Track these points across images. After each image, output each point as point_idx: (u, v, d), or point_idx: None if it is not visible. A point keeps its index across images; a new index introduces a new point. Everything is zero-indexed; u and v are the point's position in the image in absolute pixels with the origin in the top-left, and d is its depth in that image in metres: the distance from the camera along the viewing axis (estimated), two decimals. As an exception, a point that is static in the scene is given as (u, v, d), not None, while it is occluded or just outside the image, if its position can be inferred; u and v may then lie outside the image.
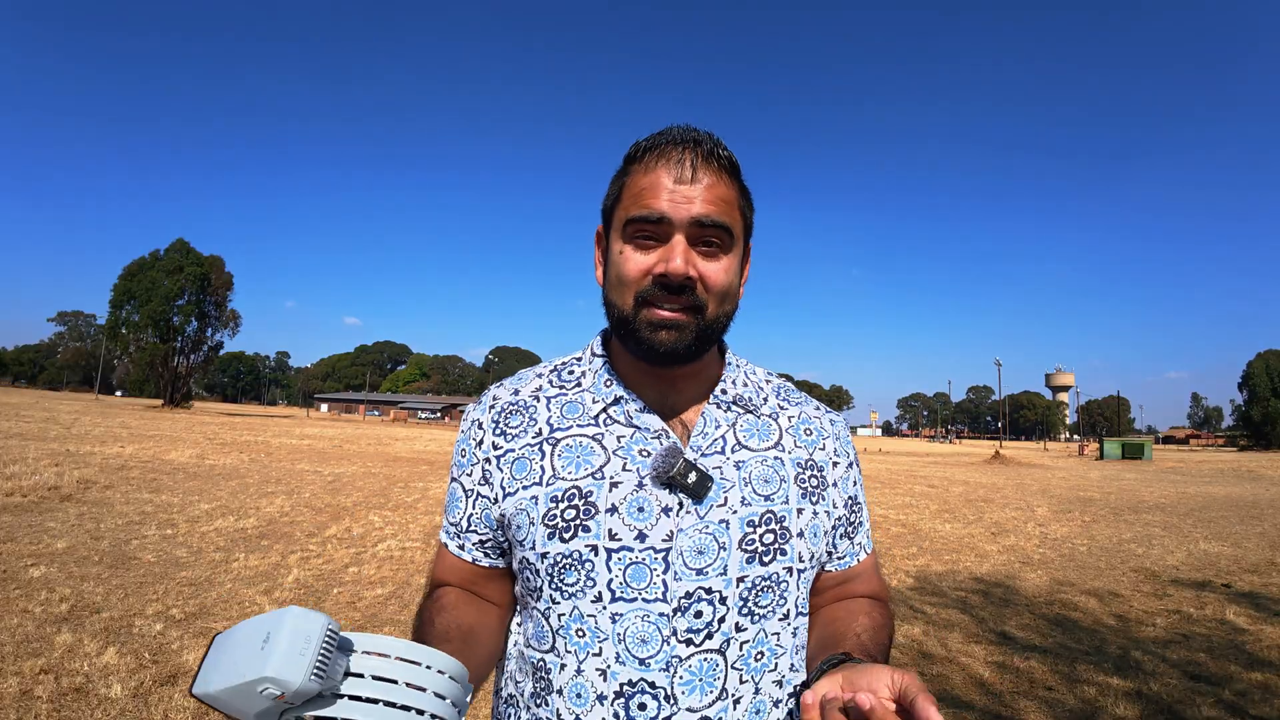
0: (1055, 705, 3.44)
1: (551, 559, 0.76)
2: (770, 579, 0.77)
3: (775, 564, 0.77)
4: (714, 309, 0.77)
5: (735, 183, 0.79)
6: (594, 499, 0.76)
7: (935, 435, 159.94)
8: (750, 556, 0.76)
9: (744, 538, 0.76)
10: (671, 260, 0.73)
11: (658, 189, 0.75)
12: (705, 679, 0.73)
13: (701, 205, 0.74)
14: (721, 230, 0.75)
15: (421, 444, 25.09)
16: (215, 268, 53.69)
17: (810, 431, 0.87)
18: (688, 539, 0.75)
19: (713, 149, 0.77)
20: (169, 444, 15.76)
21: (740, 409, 0.85)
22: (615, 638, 0.73)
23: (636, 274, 0.75)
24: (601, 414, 0.81)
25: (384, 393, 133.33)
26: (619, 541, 0.74)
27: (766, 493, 0.79)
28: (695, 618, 0.73)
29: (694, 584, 0.74)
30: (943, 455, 42.33)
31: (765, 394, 0.89)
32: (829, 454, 0.87)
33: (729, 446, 0.81)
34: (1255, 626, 4.88)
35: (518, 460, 0.81)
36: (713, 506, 0.76)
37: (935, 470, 23.87)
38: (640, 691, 0.72)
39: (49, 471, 9.36)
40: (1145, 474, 24.16)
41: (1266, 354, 79.24)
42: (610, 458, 0.78)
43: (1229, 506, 13.18)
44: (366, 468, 14.09)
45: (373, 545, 6.53)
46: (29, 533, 5.94)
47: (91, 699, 2.98)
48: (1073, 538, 8.85)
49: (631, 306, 0.76)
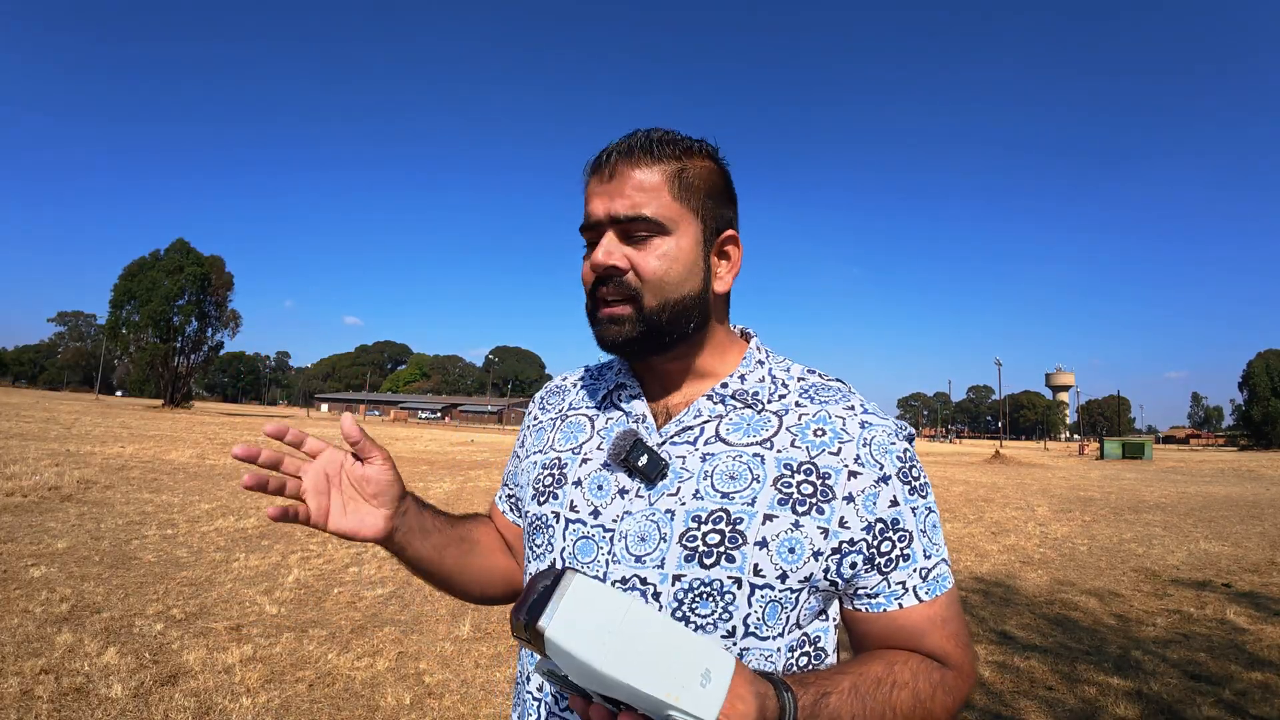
0: (1055, 705, 3.44)
1: (530, 519, 0.85)
2: (710, 586, 0.69)
3: (718, 569, 0.69)
4: (653, 296, 0.75)
5: (667, 168, 0.76)
6: (567, 470, 0.83)
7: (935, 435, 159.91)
8: (690, 554, 0.70)
9: (685, 533, 0.71)
10: (595, 254, 0.76)
11: (590, 196, 0.79)
12: None
13: (618, 201, 0.76)
14: (640, 221, 0.75)
15: (422, 444, 25.10)
16: (215, 268, 53.71)
17: (823, 432, 0.75)
18: (633, 522, 0.74)
19: (634, 143, 0.77)
20: (169, 444, 15.77)
21: (739, 403, 0.79)
22: None
23: (587, 275, 0.80)
24: (604, 399, 0.88)
25: (384, 393, 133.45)
26: (576, 514, 0.78)
27: (726, 489, 0.72)
28: None
29: (630, 570, 0.72)
30: (943, 455, 42.34)
31: (786, 391, 0.81)
32: (844, 460, 0.73)
33: (703, 438, 0.77)
34: (1255, 626, 4.88)
35: (539, 430, 0.93)
36: (664, 495, 0.74)
37: (935, 470, 23.86)
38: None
39: (49, 471, 9.36)
40: (1145, 473, 24.16)
41: (1266, 354, 79.24)
42: (593, 435, 0.85)
43: (1229, 506, 13.18)
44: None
45: (373, 545, 6.52)
46: (29, 533, 5.94)
47: (92, 699, 2.98)
48: (1073, 537, 8.85)
49: (590, 306, 0.81)
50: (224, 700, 3.05)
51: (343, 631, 4.07)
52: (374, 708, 3.12)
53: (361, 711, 3.08)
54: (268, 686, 3.24)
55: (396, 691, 3.29)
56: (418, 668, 3.59)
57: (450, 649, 3.88)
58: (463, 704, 3.22)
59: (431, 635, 4.09)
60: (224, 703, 3.03)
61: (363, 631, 4.08)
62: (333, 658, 3.65)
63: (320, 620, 4.25)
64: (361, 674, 3.47)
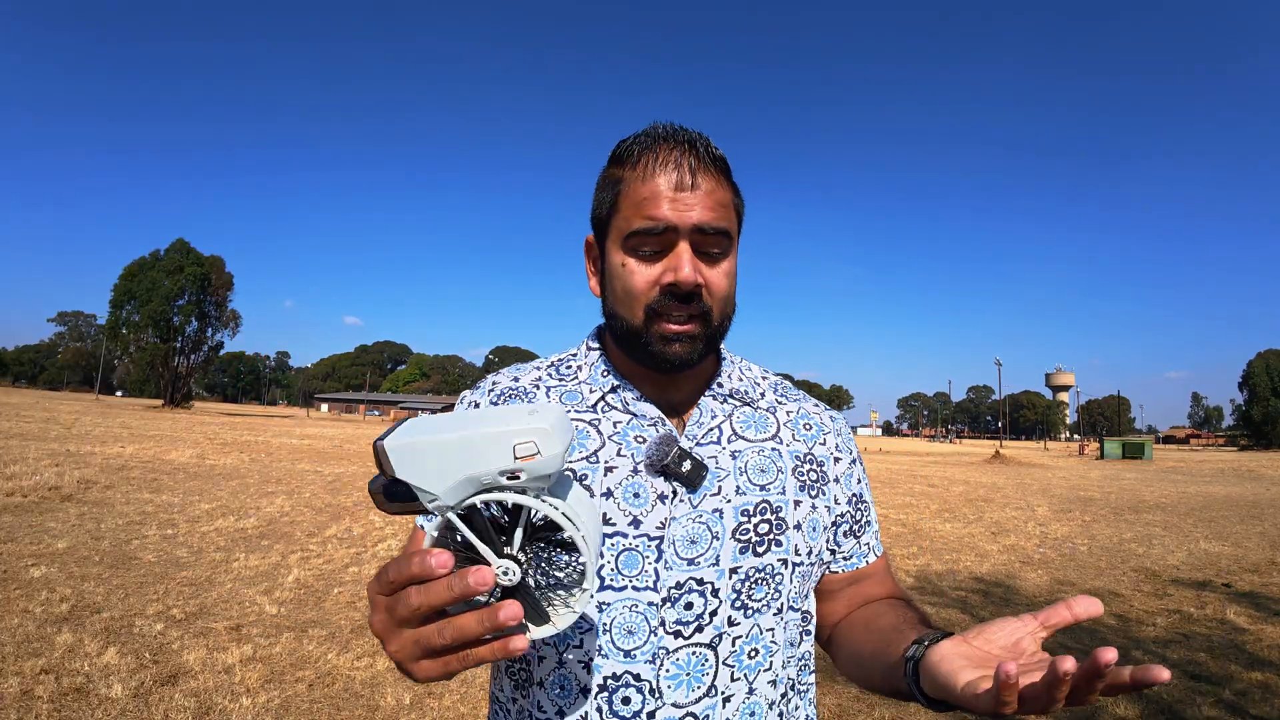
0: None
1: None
2: (764, 571, 0.75)
3: (770, 555, 0.75)
4: (719, 314, 0.77)
5: (729, 182, 0.78)
6: (589, 482, 0.75)
7: (935, 435, 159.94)
8: (744, 546, 0.74)
9: (738, 527, 0.75)
10: (680, 269, 0.72)
11: (659, 198, 0.73)
12: (693, 673, 0.71)
13: (703, 212, 0.73)
14: (723, 236, 0.75)
15: (422, 444, 25.04)
16: (215, 268, 53.72)
17: (809, 426, 0.86)
18: (681, 528, 0.73)
19: (707, 149, 0.75)
20: (169, 444, 15.77)
21: (737, 401, 0.84)
22: (601, 628, 0.71)
23: (644, 286, 0.74)
24: (599, 402, 0.81)
25: (384, 393, 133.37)
26: (613, 527, 0.73)
27: (762, 483, 0.78)
28: (685, 609, 0.71)
29: (685, 574, 0.72)
30: (943, 455, 42.33)
31: (762, 389, 0.88)
32: (830, 449, 0.86)
33: (725, 437, 0.80)
34: (1255, 626, 4.88)
35: None
36: (706, 495, 0.75)
37: (935, 470, 23.86)
38: (625, 685, 0.70)
39: (49, 471, 9.36)
40: (1145, 473, 24.15)
41: (1266, 354, 79.24)
42: (605, 443, 0.78)
43: (1229, 506, 13.17)
44: (367, 468, 14.08)
45: (373, 545, 6.53)
46: (29, 533, 5.94)
47: (92, 699, 2.98)
48: (1073, 537, 8.85)
49: (642, 320, 0.74)
50: (224, 700, 3.05)
51: (343, 631, 4.07)
52: (374, 708, 3.12)
53: (361, 711, 3.08)
54: (268, 686, 3.24)
55: (396, 691, 3.29)
56: (418, 668, 3.59)
57: (450, 649, 3.88)
58: (463, 704, 3.22)
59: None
60: (224, 703, 3.03)
61: (363, 631, 4.08)
62: (333, 658, 3.65)
63: (320, 620, 4.25)
64: (361, 674, 3.47)
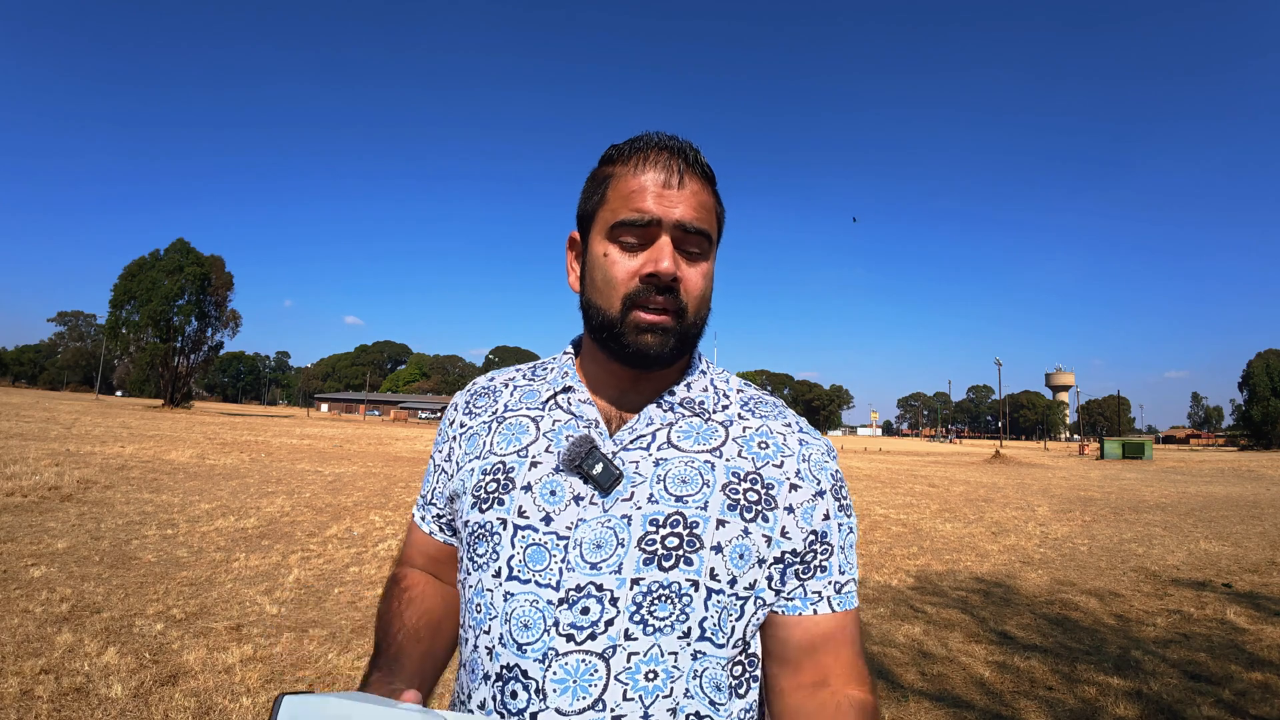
0: (1055, 705, 3.44)
1: (470, 528, 0.79)
2: (669, 588, 0.70)
3: (677, 572, 0.71)
4: (693, 313, 0.77)
5: (713, 191, 0.81)
6: (514, 474, 0.78)
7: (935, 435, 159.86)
8: (649, 558, 0.71)
9: (644, 536, 0.72)
10: (661, 260, 0.73)
11: (645, 192, 0.75)
12: (580, 681, 0.68)
13: (686, 210, 0.75)
14: (702, 237, 0.76)
15: (422, 444, 25.08)
16: (215, 268, 53.70)
17: (766, 445, 0.80)
18: (589, 530, 0.72)
19: (695, 156, 0.78)
20: (169, 444, 15.77)
21: (686, 411, 0.81)
22: (503, 617, 0.72)
23: (625, 276, 0.75)
24: (550, 400, 0.84)
25: (384, 392, 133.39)
26: (525, 520, 0.75)
27: (680, 493, 0.74)
28: (581, 614, 0.70)
29: (586, 578, 0.71)
30: (943, 455, 42.32)
31: (728, 402, 0.84)
32: (785, 473, 0.78)
33: (656, 444, 0.78)
34: (1255, 626, 4.88)
35: (472, 436, 0.85)
36: (618, 500, 0.73)
37: (935, 470, 23.86)
38: (515, 679, 0.70)
39: (49, 471, 9.36)
40: (1145, 473, 24.15)
41: (1266, 354, 79.18)
42: (539, 438, 0.80)
43: (1229, 506, 13.17)
44: (367, 467, 14.09)
45: (373, 545, 6.53)
46: (29, 533, 5.94)
47: (92, 699, 2.98)
48: (1073, 537, 8.85)
49: (619, 309, 0.75)
50: (224, 700, 3.05)
51: (343, 631, 4.07)
52: (374, 708, 3.12)
53: (361, 711, 3.08)
54: (268, 686, 3.23)
55: (396, 691, 3.28)
56: (418, 668, 3.59)
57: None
58: (463, 704, 3.22)
59: (431, 635, 4.09)
60: (224, 703, 3.03)
61: (363, 631, 4.08)
62: (333, 658, 3.65)
63: (320, 620, 4.25)
64: (362, 674, 3.46)
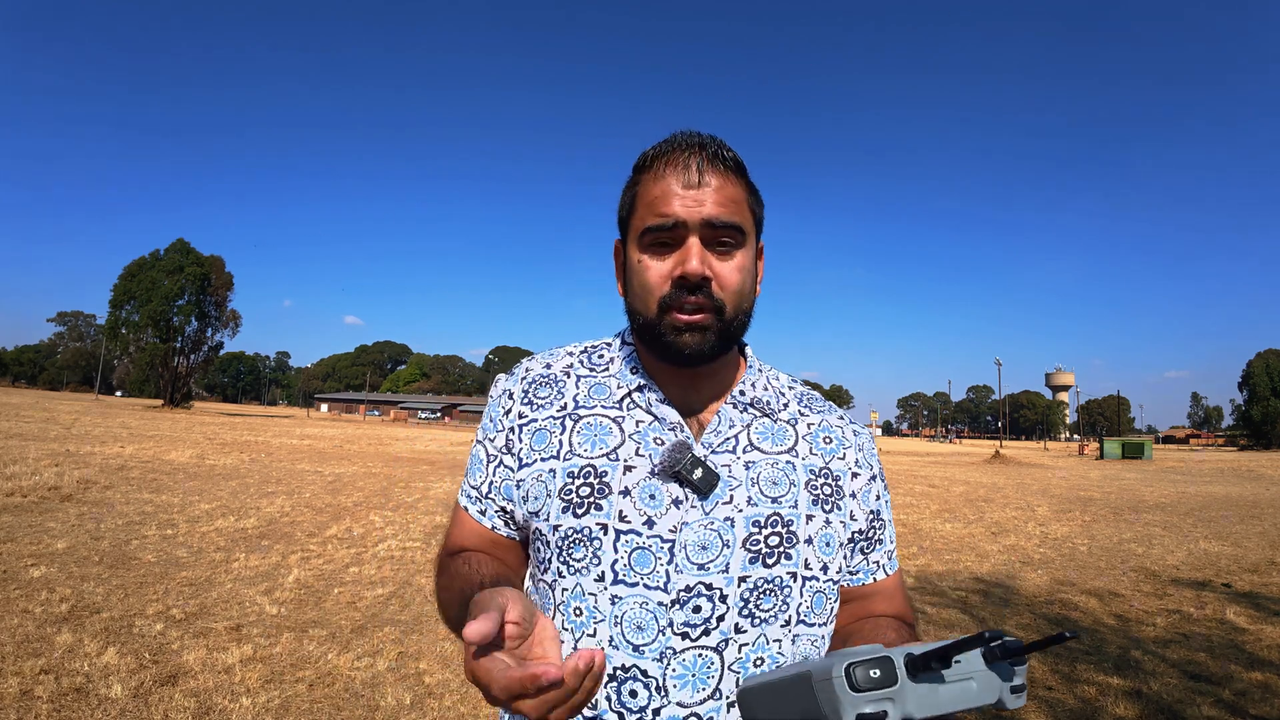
0: (1055, 705, 3.44)
1: (562, 532, 0.78)
2: (773, 582, 0.76)
3: (779, 567, 0.77)
4: (732, 308, 0.78)
5: (742, 181, 0.81)
6: (608, 479, 0.78)
7: (935, 435, 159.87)
8: (754, 556, 0.76)
9: (749, 537, 0.76)
10: (688, 261, 0.75)
11: (669, 195, 0.76)
12: (699, 675, 0.73)
13: (711, 206, 0.76)
14: (733, 229, 0.77)
15: (422, 444, 25.09)
16: (215, 268, 53.71)
17: (829, 439, 0.87)
18: (692, 533, 0.75)
19: (717, 151, 0.79)
20: (169, 444, 15.77)
21: (757, 411, 0.85)
22: (613, 620, 0.74)
23: (657, 280, 0.77)
24: (625, 399, 0.84)
25: (384, 393, 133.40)
26: (628, 524, 0.76)
27: (774, 494, 0.79)
28: (694, 612, 0.74)
29: (695, 578, 0.74)
30: (943, 455, 42.33)
31: (786, 399, 0.89)
32: (848, 464, 0.86)
33: (740, 447, 0.82)
34: (1255, 626, 4.89)
35: (539, 431, 0.84)
36: (718, 504, 0.77)
37: (935, 470, 23.86)
38: (633, 678, 0.73)
39: (49, 471, 9.36)
40: (1145, 473, 24.15)
41: (1266, 354, 79.23)
42: (625, 440, 0.80)
43: (1229, 506, 13.18)
44: (367, 468, 14.09)
45: (373, 545, 6.53)
46: (29, 533, 5.94)
47: (91, 699, 2.98)
48: (1073, 537, 8.85)
49: (655, 313, 0.78)
50: (224, 700, 3.05)
51: (343, 631, 4.07)
52: (374, 708, 3.12)
53: (361, 711, 3.08)
54: (268, 686, 3.24)
55: (397, 691, 3.29)
56: (418, 668, 3.59)
57: (451, 649, 3.88)
58: (463, 704, 3.22)
59: (432, 635, 4.09)
60: (224, 703, 3.03)
61: (363, 631, 4.08)
62: (333, 658, 3.65)
63: (320, 620, 4.25)
64: (362, 674, 3.47)
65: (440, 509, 8.92)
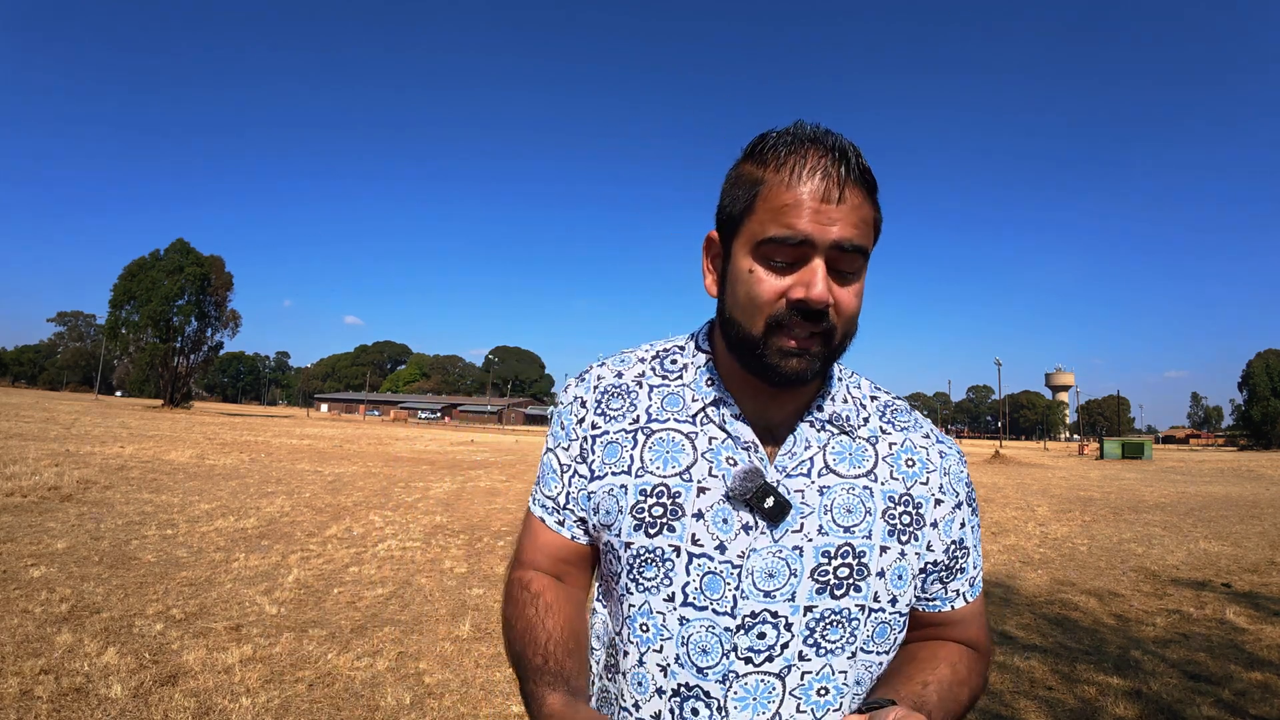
0: (1055, 705, 3.45)
1: (634, 550, 0.77)
2: (840, 614, 0.74)
3: (847, 599, 0.75)
4: (841, 334, 0.74)
5: (874, 200, 0.74)
6: (681, 500, 0.76)
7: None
8: (821, 587, 0.74)
9: (817, 568, 0.74)
10: (813, 286, 0.68)
11: (800, 208, 0.69)
12: (760, 699, 0.73)
13: (845, 228, 0.69)
14: (859, 254, 0.71)
15: (422, 444, 25.09)
16: (215, 268, 53.74)
17: (913, 463, 0.81)
18: (760, 559, 0.74)
19: (858, 162, 0.71)
20: (169, 444, 15.77)
21: (835, 428, 0.80)
22: (679, 639, 0.74)
23: (770, 297, 0.71)
24: (700, 413, 0.80)
25: (384, 393, 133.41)
26: (700, 548, 0.75)
27: (847, 524, 0.76)
28: (758, 639, 0.73)
29: (760, 605, 0.73)
30: (943, 455, 42.21)
31: (867, 413, 0.83)
32: (931, 490, 0.81)
33: (815, 470, 0.78)
34: (1255, 626, 4.89)
35: (611, 444, 0.81)
36: (788, 531, 0.75)
37: (935, 470, 23.82)
38: (695, 697, 0.73)
39: (49, 471, 9.36)
40: (1145, 473, 24.16)
41: (1266, 354, 79.26)
42: (698, 459, 0.78)
43: (1229, 506, 13.18)
44: (367, 467, 14.09)
45: (373, 545, 6.53)
46: (29, 533, 5.94)
47: (91, 699, 2.98)
48: (1073, 537, 8.85)
49: (761, 330, 0.72)
50: (224, 700, 3.05)
51: (343, 631, 4.07)
52: (374, 708, 3.12)
53: (361, 711, 3.08)
54: (268, 686, 3.24)
55: (396, 691, 3.28)
56: (418, 668, 3.59)
57: (450, 649, 3.88)
58: (463, 704, 3.22)
59: (432, 635, 4.09)
60: (224, 703, 3.03)
61: (363, 631, 4.08)
62: (333, 658, 3.65)
63: (320, 620, 4.25)
64: (361, 674, 3.47)
65: (440, 509, 8.92)
